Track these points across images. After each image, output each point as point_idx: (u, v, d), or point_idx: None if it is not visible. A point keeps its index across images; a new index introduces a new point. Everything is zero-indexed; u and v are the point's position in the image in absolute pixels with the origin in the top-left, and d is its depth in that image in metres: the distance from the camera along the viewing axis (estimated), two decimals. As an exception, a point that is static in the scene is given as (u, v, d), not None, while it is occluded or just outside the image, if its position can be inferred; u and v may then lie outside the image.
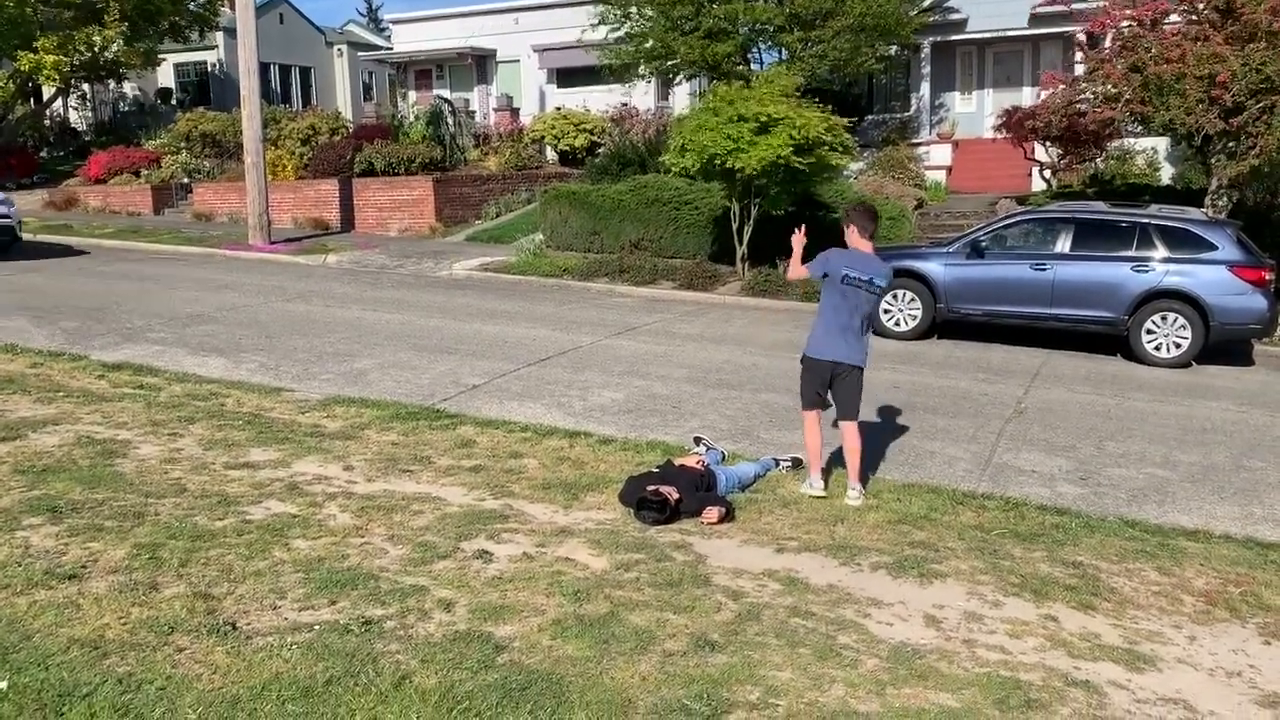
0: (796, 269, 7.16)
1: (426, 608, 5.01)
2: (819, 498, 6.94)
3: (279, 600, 5.02)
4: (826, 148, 14.78)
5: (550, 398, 9.38)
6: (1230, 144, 14.45)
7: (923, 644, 4.93)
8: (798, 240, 7.24)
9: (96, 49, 26.75)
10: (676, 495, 6.40)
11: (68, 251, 18.72)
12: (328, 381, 9.73)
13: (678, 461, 7.16)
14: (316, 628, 4.73)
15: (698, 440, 7.95)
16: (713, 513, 6.38)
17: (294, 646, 4.52)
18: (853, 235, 7.03)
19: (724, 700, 4.28)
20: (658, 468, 7.04)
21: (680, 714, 4.14)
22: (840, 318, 6.84)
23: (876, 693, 4.43)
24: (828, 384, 6.93)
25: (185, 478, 6.77)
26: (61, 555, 5.40)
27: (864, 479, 7.09)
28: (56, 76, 26.03)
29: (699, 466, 6.94)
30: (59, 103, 31.65)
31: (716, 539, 6.18)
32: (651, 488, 6.44)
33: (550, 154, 26.16)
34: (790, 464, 7.61)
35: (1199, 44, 13.68)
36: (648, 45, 20.77)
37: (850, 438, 6.98)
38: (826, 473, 7.24)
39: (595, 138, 25.39)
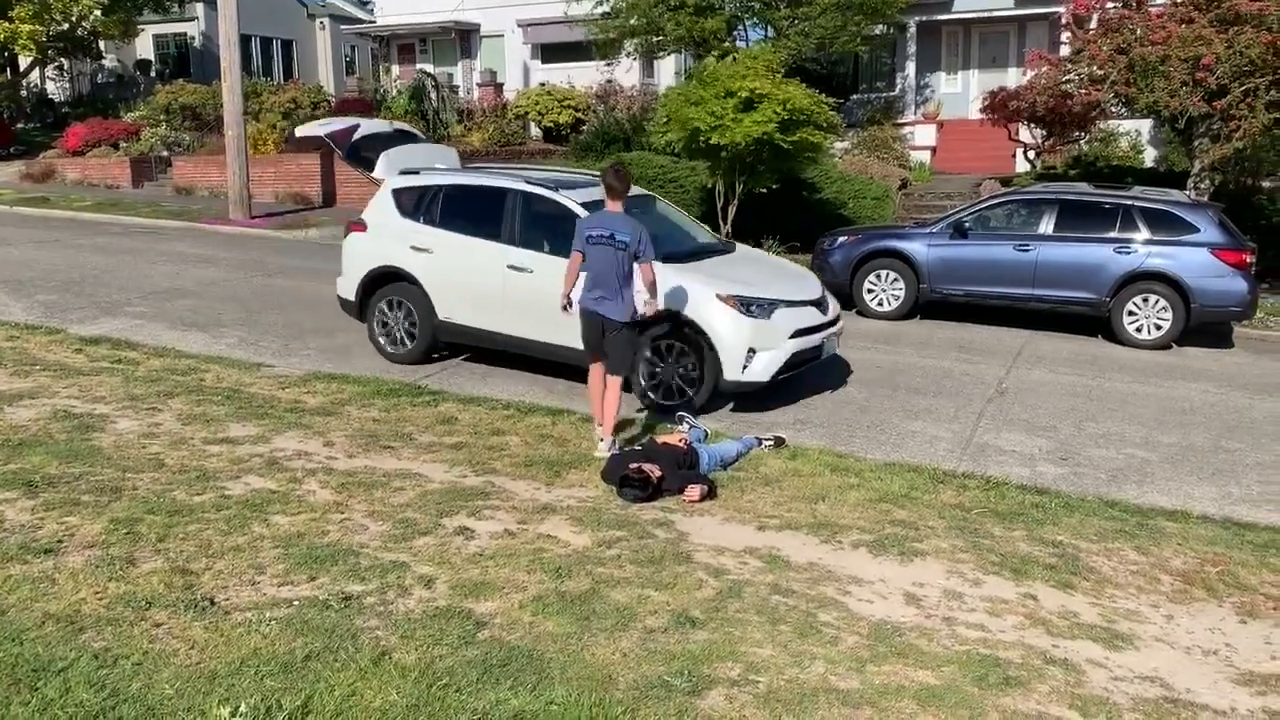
0: (570, 276, 7.39)
1: (407, 584, 4.99)
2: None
3: (258, 576, 5.00)
4: (811, 126, 14.72)
5: (533, 375, 9.34)
6: (1214, 127, 14.48)
7: (903, 622, 4.95)
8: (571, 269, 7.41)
9: (74, 18, 26.33)
10: (659, 473, 6.40)
11: (45, 224, 18.49)
12: (308, 357, 9.67)
13: (660, 439, 7.15)
14: (296, 603, 4.71)
15: (680, 418, 7.94)
16: (695, 491, 6.38)
17: (273, 622, 4.50)
18: (607, 198, 7.33)
19: (705, 677, 4.28)
20: (640, 445, 7.03)
21: (661, 690, 4.15)
22: (600, 276, 7.14)
23: (857, 670, 4.44)
24: (600, 336, 7.26)
25: (164, 453, 6.72)
26: (37, 530, 5.35)
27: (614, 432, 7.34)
28: (33, 46, 25.61)
29: (681, 444, 6.94)
30: (36, 74, 31.20)
31: (698, 517, 6.18)
32: (634, 465, 6.43)
33: (534, 130, 25.97)
34: (773, 443, 7.62)
35: (1184, 26, 13.68)
36: (632, 21, 20.62)
37: (609, 390, 7.26)
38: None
39: (580, 114, 25.23)
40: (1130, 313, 11.84)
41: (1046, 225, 12.34)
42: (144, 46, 34.15)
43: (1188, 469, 7.69)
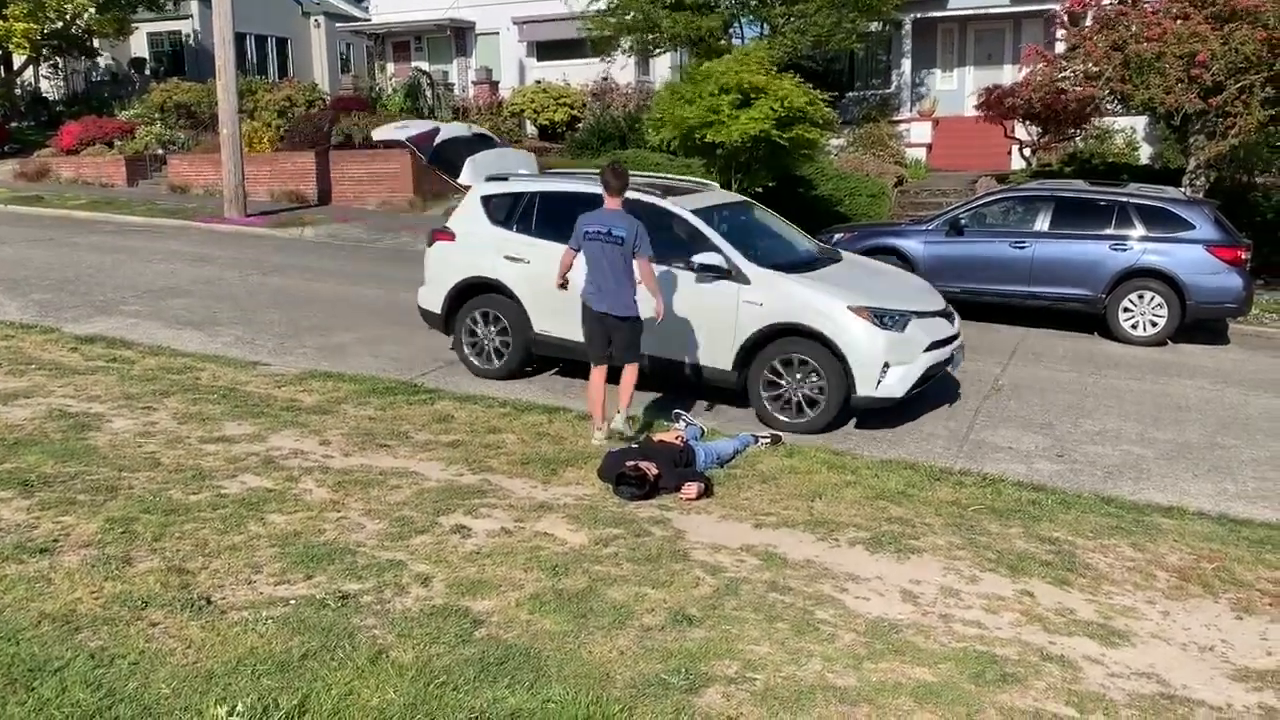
0: (563, 268, 7.61)
1: (404, 582, 4.99)
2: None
3: (254, 575, 4.99)
4: (807, 122, 14.72)
5: (530, 374, 9.33)
6: (1209, 123, 14.49)
7: (900, 619, 4.96)
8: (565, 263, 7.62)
9: (68, 16, 26.23)
10: (655, 471, 6.40)
11: (39, 223, 18.44)
12: (304, 356, 9.65)
13: (657, 437, 7.15)
14: (292, 602, 4.70)
15: (677, 416, 7.94)
16: (691, 488, 6.38)
17: (269, 621, 4.49)
18: (605, 195, 7.47)
19: (702, 674, 4.28)
20: (637, 443, 7.03)
21: (658, 688, 4.14)
22: (598, 272, 7.30)
23: (854, 667, 4.44)
24: (604, 332, 7.44)
25: (159, 452, 6.70)
26: (33, 529, 5.34)
27: (625, 414, 7.61)
28: (27, 45, 25.52)
29: (678, 442, 6.94)
30: (30, 72, 31.11)
31: (695, 514, 6.18)
32: (630, 463, 6.43)
33: (530, 128, 25.92)
34: (769, 441, 7.62)
35: (1179, 22, 13.69)
36: (629, 17, 20.60)
37: (626, 374, 7.48)
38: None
39: (575, 112, 25.19)
40: (1126, 309, 11.86)
41: (1042, 222, 12.36)
42: (138, 44, 34.04)
43: (1183, 465, 7.71)
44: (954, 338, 8.52)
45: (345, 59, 38.13)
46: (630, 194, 8.44)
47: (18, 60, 28.86)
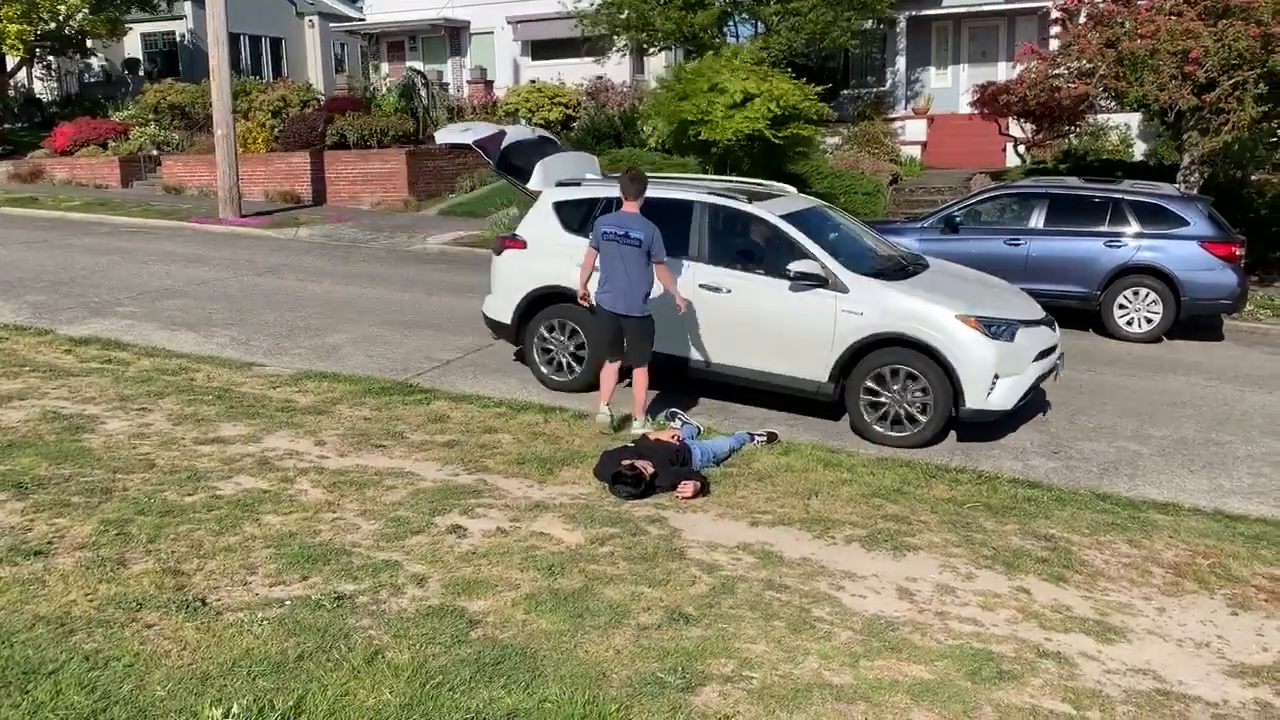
0: (585, 271, 7.81)
1: (399, 583, 4.98)
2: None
3: (250, 576, 4.98)
4: (801, 120, 14.73)
5: (525, 373, 9.32)
6: (1203, 120, 14.50)
7: (896, 616, 4.96)
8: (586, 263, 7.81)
9: (61, 18, 26.18)
10: (651, 470, 6.40)
11: (33, 224, 18.40)
12: (299, 356, 9.64)
13: (653, 436, 7.14)
14: (288, 603, 4.69)
15: (673, 415, 7.94)
16: (688, 487, 6.38)
17: (265, 622, 4.48)
18: (623, 198, 7.69)
19: (698, 673, 4.28)
20: (633, 442, 7.03)
21: (655, 687, 4.14)
22: (613, 273, 7.49)
23: (850, 665, 4.44)
24: (617, 332, 7.62)
25: (154, 453, 6.69)
26: (27, 531, 5.33)
27: (647, 412, 7.91)
28: (20, 46, 25.47)
29: (674, 441, 6.93)
30: (23, 73, 31.03)
31: (691, 513, 6.17)
32: (626, 462, 6.43)
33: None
34: (765, 439, 7.62)
35: (1172, 19, 13.70)
36: (623, 15, 20.59)
37: (637, 378, 7.69)
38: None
39: (570, 111, 25.17)
40: (1121, 306, 11.88)
41: (1037, 219, 12.38)
42: (132, 45, 33.98)
43: (1179, 462, 7.72)
44: (1055, 347, 8.29)
45: (340, 59, 38.10)
46: (713, 199, 8.37)
47: (11, 61, 28.78)
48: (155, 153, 24.24)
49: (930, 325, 7.62)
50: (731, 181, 9.85)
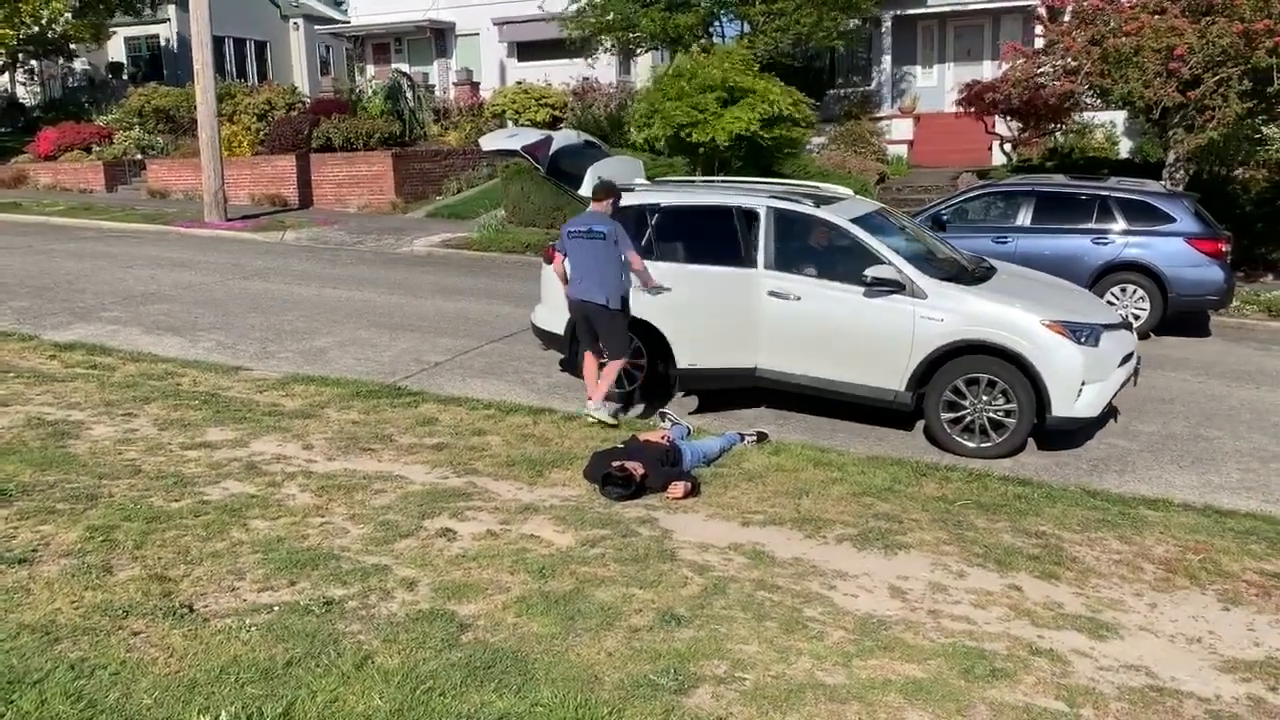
0: (561, 278, 8.05)
1: (389, 587, 4.95)
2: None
3: (237, 582, 4.94)
4: (789, 121, 14.74)
5: (514, 374, 9.30)
6: (1188, 117, 14.57)
7: (888, 615, 4.95)
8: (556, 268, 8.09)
9: (44, 21, 26.05)
10: (642, 471, 6.37)
11: (16, 229, 18.28)
12: (286, 360, 9.58)
13: (642, 437, 7.12)
14: (276, 609, 4.65)
15: (663, 416, 7.92)
16: (678, 488, 6.36)
17: (253, 628, 4.44)
18: (593, 199, 8.06)
19: (691, 674, 4.26)
20: (622, 443, 7.00)
21: (647, 689, 4.12)
22: (584, 270, 7.73)
23: (843, 664, 4.43)
24: (590, 325, 7.85)
25: (140, 458, 6.63)
26: (11, 539, 5.27)
27: (606, 398, 8.06)
28: (3, 50, 25.34)
29: (664, 442, 6.91)
30: (5, 77, 30.86)
31: (682, 514, 6.15)
32: (617, 463, 6.40)
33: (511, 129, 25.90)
34: (755, 439, 7.60)
35: (1156, 17, 13.75)
36: (609, 17, 20.58)
37: (608, 369, 7.90)
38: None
39: (557, 112, 25.15)
40: (1109, 303, 11.90)
41: (1024, 217, 12.39)
42: (115, 49, 33.84)
43: (1168, 458, 7.73)
44: (1134, 351, 8.09)
45: (325, 61, 38.00)
46: (780, 204, 8.12)
47: (-7, 66, 28.63)
48: (140, 157, 24.14)
49: (1016, 331, 7.40)
50: (785, 184, 9.56)
